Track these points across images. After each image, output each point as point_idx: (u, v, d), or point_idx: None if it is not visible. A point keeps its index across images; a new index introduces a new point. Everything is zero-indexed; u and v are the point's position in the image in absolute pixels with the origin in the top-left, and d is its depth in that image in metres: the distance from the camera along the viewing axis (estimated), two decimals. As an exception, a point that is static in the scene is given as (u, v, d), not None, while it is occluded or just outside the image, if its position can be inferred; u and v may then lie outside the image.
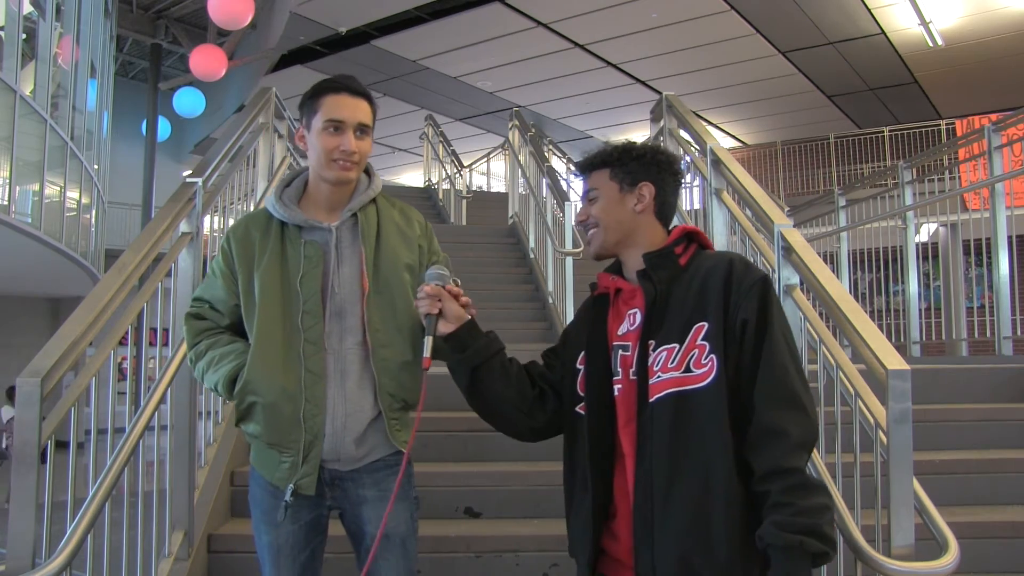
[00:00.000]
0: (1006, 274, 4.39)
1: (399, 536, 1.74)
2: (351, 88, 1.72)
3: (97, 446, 1.92)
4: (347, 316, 1.71)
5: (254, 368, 1.66)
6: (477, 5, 11.56)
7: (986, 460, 2.91)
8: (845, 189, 6.55)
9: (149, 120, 13.41)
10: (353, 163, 1.71)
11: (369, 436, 1.72)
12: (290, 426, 1.66)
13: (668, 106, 3.98)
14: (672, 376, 1.39)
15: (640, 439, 1.42)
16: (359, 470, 1.73)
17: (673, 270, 1.49)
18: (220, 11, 9.64)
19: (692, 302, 1.43)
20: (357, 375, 1.70)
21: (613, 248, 1.58)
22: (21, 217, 8.56)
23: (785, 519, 1.28)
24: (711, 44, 12.40)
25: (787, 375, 1.37)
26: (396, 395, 1.73)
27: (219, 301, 1.76)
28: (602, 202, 1.57)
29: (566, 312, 5.01)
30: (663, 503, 1.37)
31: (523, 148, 7.44)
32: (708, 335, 1.39)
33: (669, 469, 1.37)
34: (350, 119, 1.69)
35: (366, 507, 1.73)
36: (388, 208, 1.83)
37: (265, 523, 1.73)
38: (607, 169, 1.58)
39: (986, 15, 11.21)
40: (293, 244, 1.72)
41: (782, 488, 1.30)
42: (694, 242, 1.55)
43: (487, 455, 3.03)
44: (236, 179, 3.24)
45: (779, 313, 1.42)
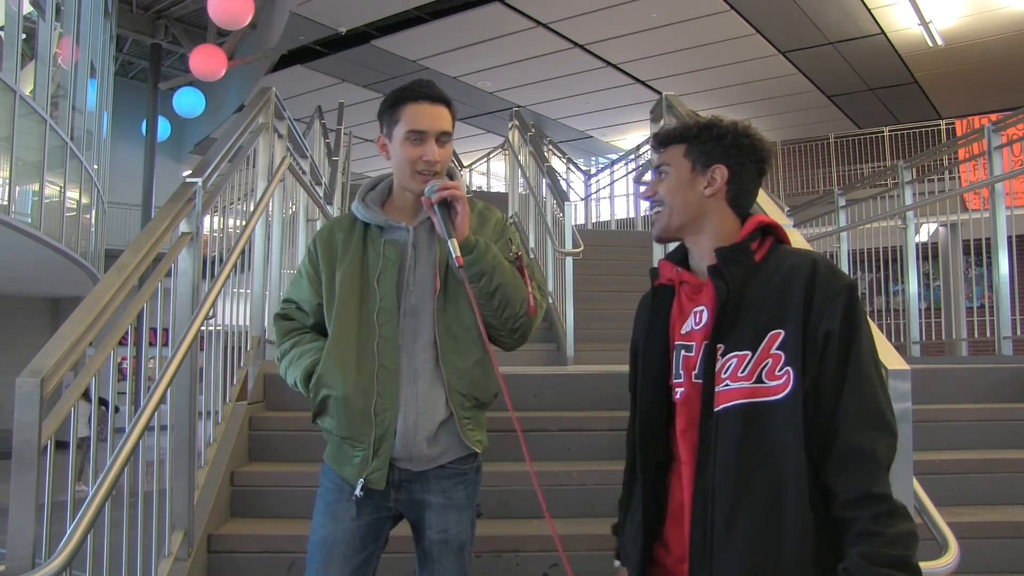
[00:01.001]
0: (1006, 274, 4.39)
1: (458, 542, 1.75)
2: (431, 96, 1.72)
3: (97, 446, 1.92)
4: (420, 315, 1.73)
5: (328, 362, 1.71)
6: (477, 5, 11.57)
7: (986, 460, 2.91)
8: (845, 189, 6.55)
9: (149, 120, 13.43)
10: (436, 172, 1.71)
11: (442, 436, 1.72)
12: (361, 420, 1.68)
13: (668, 106, 3.98)
14: (743, 386, 1.28)
15: (702, 449, 1.31)
16: (427, 472, 1.72)
17: (748, 267, 1.35)
18: (220, 11, 9.65)
19: (769, 306, 1.30)
20: (430, 374, 1.72)
21: (677, 232, 1.44)
22: (21, 217, 8.57)
23: (875, 550, 1.18)
24: (711, 44, 12.41)
25: (875, 393, 1.26)
26: (467, 394, 1.73)
27: (304, 301, 1.81)
28: (671, 180, 1.43)
29: (566, 312, 5.01)
30: (726, 523, 1.26)
31: (523, 148, 7.44)
32: (784, 344, 1.27)
33: (735, 486, 1.26)
34: (432, 128, 1.70)
35: (429, 512, 1.73)
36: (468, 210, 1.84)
37: (326, 515, 1.74)
38: (683, 145, 1.44)
39: (986, 15, 11.21)
40: (374, 244, 1.76)
41: (872, 515, 1.20)
42: (770, 236, 1.40)
43: (487, 455, 3.02)
44: (236, 179, 3.24)
45: (866, 324, 1.30)
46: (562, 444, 2.98)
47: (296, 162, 4.11)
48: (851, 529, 1.21)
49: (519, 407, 3.42)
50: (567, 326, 5.00)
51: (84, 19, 10.47)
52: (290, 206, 4.25)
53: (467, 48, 13.02)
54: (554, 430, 3.03)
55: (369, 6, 11.54)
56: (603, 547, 2.38)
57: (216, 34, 12.66)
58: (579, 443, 3.01)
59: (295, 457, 2.94)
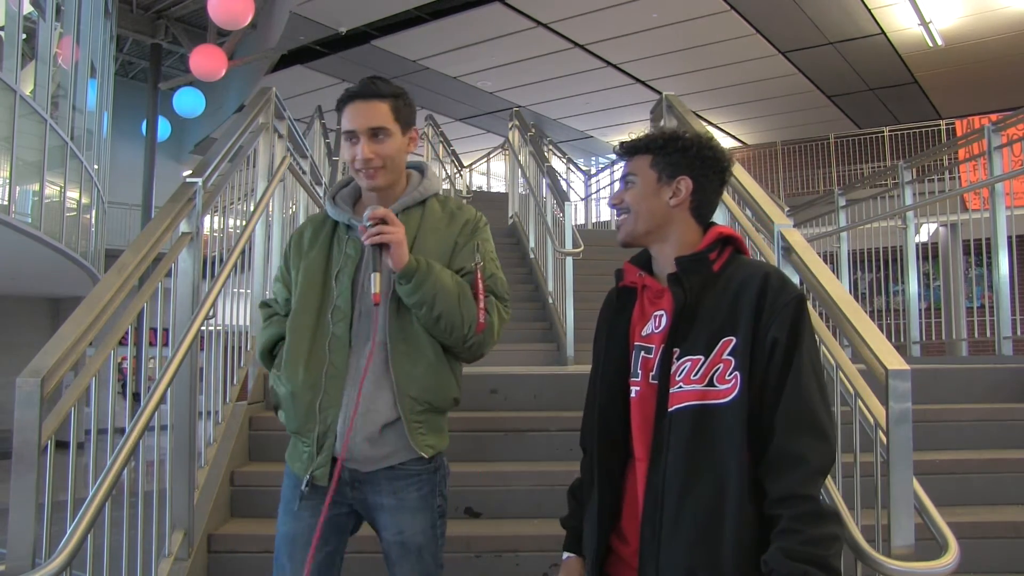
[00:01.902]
0: (1006, 274, 4.38)
1: (415, 545, 1.72)
2: (363, 94, 1.73)
3: (97, 446, 1.92)
4: (369, 320, 1.72)
5: (285, 357, 1.75)
6: (477, 5, 11.56)
7: (986, 460, 2.91)
8: (845, 189, 6.55)
9: (149, 120, 13.43)
10: (375, 168, 1.72)
11: (389, 438, 1.71)
12: (307, 416, 1.70)
13: (668, 106, 3.97)
14: (694, 389, 1.35)
15: (655, 447, 1.39)
16: (377, 473, 1.71)
17: (705, 276, 1.43)
18: (220, 11, 9.65)
19: (722, 314, 1.38)
20: (377, 375, 1.71)
21: (642, 238, 1.51)
22: (21, 217, 8.57)
23: (792, 547, 1.25)
24: (711, 44, 12.41)
25: (811, 400, 1.33)
26: (419, 398, 1.72)
27: (281, 297, 1.87)
28: (637, 189, 1.50)
29: (566, 312, 5.01)
30: (674, 516, 1.34)
31: (523, 148, 7.44)
32: (735, 350, 1.35)
33: (682, 482, 1.34)
34: (360, 126, 1.71)
35: (382, 514, 1.72)
36: (437, 210, 1.82)
37: (285, 513, 1.77)
38: (649, 156, 1.50)
39: (986, 15, 11.21)
40: (340, 242, 1.79)
41: (794, 515, 1.27)
42: (730, 246, 1.48)
43: (487, 455, 3.03)
44: (236, 179, 3.24)
45: (810, 335, 1.37)
46: (562, 444, 2.98)
47: (296, 162, 4.11)
48: (776, 525, 1.29)
49: (519, 407, 3.46)
50: (567, 326, 5.00)
51: (84, 19, 10.47)
52: (290, 206, 4.25)
53: (467, 48, 13.02)
54: (554, 430, 3.03)
55: (369, 6, 11.54)
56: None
57: (216, 34, 12.65)
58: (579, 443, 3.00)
59: (295, 457, 2.93)
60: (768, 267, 1.43)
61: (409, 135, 1.78)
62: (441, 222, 1.80)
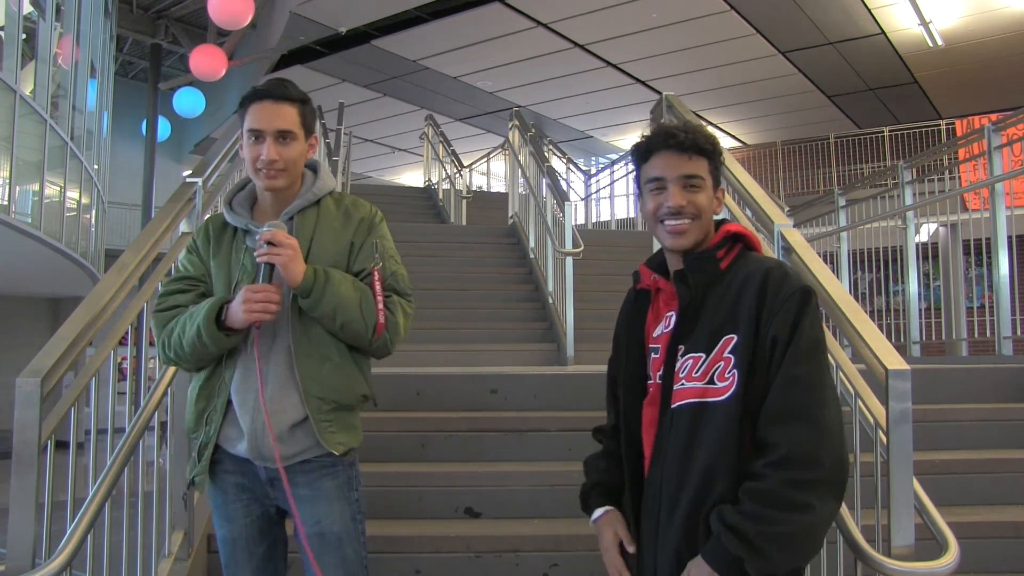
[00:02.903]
0: (1006, 274, 4.38)
1: (334, 535, 1.72)
2: (272, 95, 1.71)
3: (97, 446, 1.92)
4: (276, 321, 1.70)
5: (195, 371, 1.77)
6: (477, 5, 11.56)
7: (986, 460, 2.91)
8: (845, 189, 6.55)
9: (149, 120, 13.42)
10: (277, 171, 1.70)
11: (299, 436, 1.71)
12: (196, 423, 1.75)
13: (668, 106, 3.98)
14: (695, 386, 1.36)
15: (657, 444, 1.41)
16: (291, 469, 1.71)
17: (711, 274, 1.42)
18: (220, 11, 9.65)
19: (724, 312, 1.37)
20: (282, 378, 1.70)
21: (694, 247, 1.46)
22: (21, 217, 8.57)
23: (727, 513, 1.29)
24: (711, 44, 12.40)
25: (798, 389, 1.31)
26: (325, 398, 1.71)
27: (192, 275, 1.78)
28: (706, 195, 1.45)
29: (566, 312, 5.01)
30: (670, 508, 1.38)
31: (523, 148, 7.44)
32: (735, 348, 1.35)
33: (678, 477, 1.37)
34: (268, 127, 1.69)
35: (301, 506, 1.72)
36: (331, 208, 1.80)
37: (220, 517, 1.80)
38: (707, 160, 1.46)
39: (986, 15, 11.20)
40: (236, 250, 1.77)
41: (746, 489, 1.29)
42: (740, 243, 1.47)
43: (487, 455, 3.03)
44: (236, 179, 3.24)
45: (811, 327, 1.34)
46: (562, 444, 2.98)
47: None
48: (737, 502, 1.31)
49: (519, 407, 3.45)
50: (567, 326, 5.00)
51: (84, 19, 10.47)
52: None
53: (467, 48, 13.01)
54: (554, 430, 3.03)
55: (369, 6, 11.53)
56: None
57: (216, 34, 12.65)
58: (579, 443, 2.99)
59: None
60: (771, 263, 1.42)
61: (310, 141, 1.78)
62: (336, 221, 1.79)
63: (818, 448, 1.28)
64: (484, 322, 5.67)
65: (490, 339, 5.37)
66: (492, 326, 5.61)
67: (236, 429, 1.72)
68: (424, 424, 3.08)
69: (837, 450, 1.30)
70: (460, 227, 8.78)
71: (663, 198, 1.44)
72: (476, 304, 6.00)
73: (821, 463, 1.28)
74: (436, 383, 3.33)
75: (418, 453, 2.98)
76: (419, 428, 3.07)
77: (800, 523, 1.27)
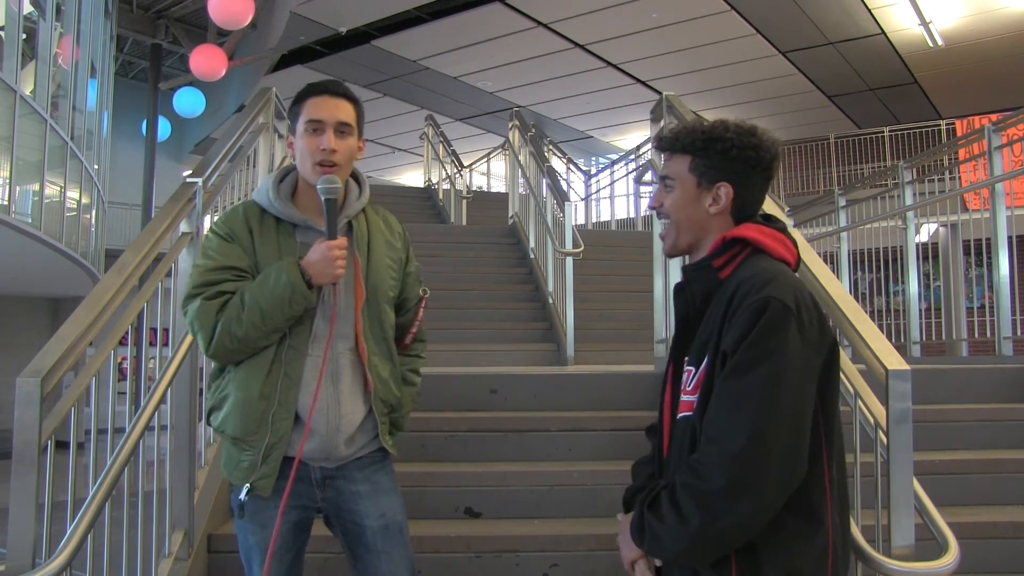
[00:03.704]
0: (1006, 274, 4.38)
1: (398, 525, 1.77)
2: (331, 90, 1.74)
3: (97, 446, 1.92)
4: (340, 322, 1.71)
5: (237, 364, 1.69)
6: (477, 5, 11.56)
7: (986, 460, 2.91)
8: (845, 189, 6.55)
9: (149, 120, 13.41)
10: (334, 162, 1.71)
11: (358, 437, 1.75)
12: (257, 425, 1.67)
13: (668, 106, 3.97)
14: (690, 399, 1.34)
15: (668, 454, 1.41)
16: (347, 466, 1.74)
17: (709, 284, 1.36)
18: (220, 11, 9.65)
19: (711, 324, 1.33)
20: (349, 379, 1.72)
21: (685, 250, 1.44)
22: (21, 217, 8.56)
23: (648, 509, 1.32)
24: (711, 44, 12.40)
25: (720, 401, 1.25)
26: (387, 400, 1.77)
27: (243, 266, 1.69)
28: (677, 195, 1.40)
29: (566, 312, 5.01)
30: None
31: (523, 148, 7.44)
32: (706, 363, 1.32)
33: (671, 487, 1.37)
34: (329, 119, 1.71)
35: (360, 502, 1.74)
36: (375, 217, 1.85)
37: (253, 522, 1.73)
38: (688, 157, 1.39)
39: (986, 15, 11.20)
40: (287, 243, 1.73)
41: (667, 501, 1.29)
42: (748, 248, 1.36)
43: (487, 455, 3.03)
44: (236, 179, 3.24)
45: (759, 339, 1.23)
46: (562, 444, 2.98)
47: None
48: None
49: (519, 407, 3.45)
50: (567, 326, 5.00)
51: (84, 19, 10.46)
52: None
53: (467, 48, 13.01)
54: (554, 430, 3.03)
55: (369, 6, 11.54)
56: (603, 547, 2.39)
57: (216, 34, 12.65)
58: (579, 443, 3.01)
59: (295, 457, 2.93)
60: (753, 272, 1.31)
61: (360, 143, 1.79)
62: (385, 230, 1.84)
63: (722, 464, 1.22)
64: (484, 322, 5.67)
65: (490, 339, 5.37)
66: (492, 326, 5.61)
67: (299, 429, 1.68)
68: (424, 424, 3.08)
69: (750, 471, 1.20)
70: (460, 227, 8.78)
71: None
72: (476, 304, 5.99)
73: (717, 479, 1.22)
74: (436, 383, 3.33)
75: (418, 453, 2.98)
76: (419, 428, 3.06)
77: (672, 526, 1.26)
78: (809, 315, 1.27)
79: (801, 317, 1.25)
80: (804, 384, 1.25)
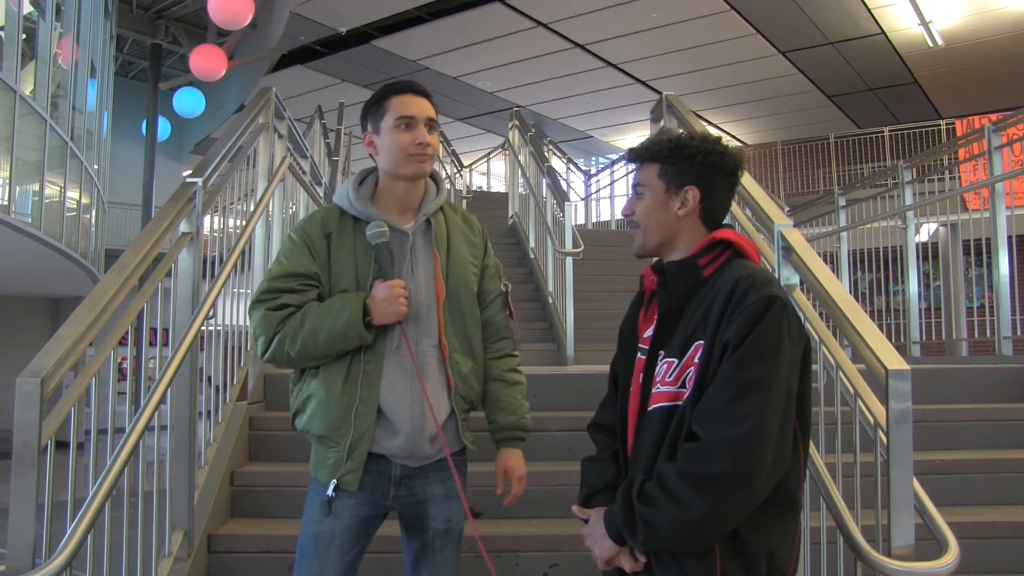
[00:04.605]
0: (1006, 274, 4.38)
1: (457, 531, 1.81)
2: (416, 89, 1.79)
3: (97, 446, 1.92)
4: (423, 319, 1.75)
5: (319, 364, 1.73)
6: (477, 5, 11.56)
7: (986, 460, 2.91)
8: (845, 189, 6.55)
9: (149, 120, 13.41)
10: (428, 155, 1.76)
11: (441, 435, 1.76)
12: (340, 422, 1.70)
13: (668, 106, 3.97)
14: (668, 390, 1.39)
15: (636, 445, 1.44)
16: (427, 468, 1.76)
17: (693, 281, 1.44)
18: (220, 11, 9.64)
19: (697, 319, 1.39)
20: (434, 376, 1.75)
21: (654, 250, 1.52)
22: (21, 217, 8.56)
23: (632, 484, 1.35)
24: (711, 44, 12.40)
25: (726, 387, 1.30)
26: (467, 397, 1.80)
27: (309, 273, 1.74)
28: (646, 201, 1.50)
29: (566, 312, 5.01)
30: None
31: (523, 148, 7.44)
32: (702, 354, 1.36)
33: (643, 476, 1.38)
34: (420, 115, 1.75)
35: (431, 505, 1.77)
36: (453, 214, 1.88)
37: (318, 511, 1.74)
38: (657, 165, 1.49)
39: (986, 15, 11.20)
40: (362, 242, 1.76)
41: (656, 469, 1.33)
42: (730, 250, 1.46)
43: (487, 455, 3.03)
44: (236, 179, 3.24)
45: (765, 334, 1.31)
46: (562, 444, 2.98)
47: (296, 162, 4.11)
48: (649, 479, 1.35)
49: (519, 407, 3.40)
50: (567, 326, 5.00)
51: (84, 19, 10.46)
52: (290, 206, 4.25)
53: (467, 48, 13.02)
54: (554, 430, 3.03)
55: (369, 6, 11.54)
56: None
57: (216, 34, 12.64)
58: (579, 443, 2.98)
59: (295, 457, 2.93)
60: (747, 271, 1.40)
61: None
62: (464, 227, 1.88)
63: (726, 450, 1.27)
64: (484, 322, 5.66)
65: (490, 339, 5.36)
66: (492, 326, 5.60)
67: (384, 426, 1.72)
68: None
69: (750, 458, 1.26)
70: (460, 227, 8.77)
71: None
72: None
73: (721, 465, 1.27)
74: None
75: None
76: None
77: (672, 515, 1.29)
78: (794, 314, 1.38)
79: (791, 316, 1.36)
80: (792, 378, 1.34)
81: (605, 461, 1.55)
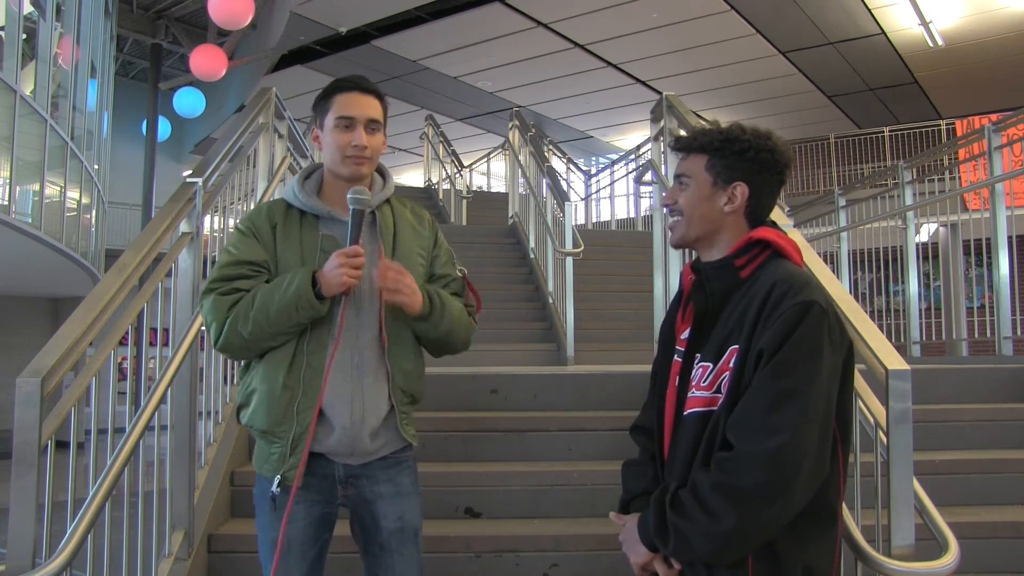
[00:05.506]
0: (1006, 274, 4.38)
1: (413, 529, 1.78)
2: (361, 86, 1.76)
3: (97, 446, 1.92)
4: (363, 312, 1.73)
5: (262, 356, 1.71)
6: (477, 5, 11.56)
7: (987, 460, 2.90)
8: (845, 189, 6.55)
9: (149, 120, 13.41)
10: (365, 158, 1.74)
11: (382, 431, 1.75)
12: (283, 416, 1.68)
13: (668, 106, 3.97)
14: (703, 395, 1.35)
15: (671, 450, 1.41)
16: (371, 465, 1.74)
17: (730, 283, 1.39)
18: (220, 11, 9.64)
19: (734, 322, 1.34)
20: (374, 370, 1.73)
21: (693, 243, 1.46)
22: (21, 217, 8.56)
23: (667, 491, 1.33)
24: (711, 44, 12.40)
25: (760, 397, 1.26)
26: (406, 390, 1.77)
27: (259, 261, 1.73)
28: (691, 192, 1.44)
29: (566, 312, 5.01)
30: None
31: (523, 148, 7.44)
32: (736, 360, 1.32)
33: (679, 482, 1.36)
34: (360, 115, 1.73)
35: (380, 503, 1.75)
36: (400, 207, 1.87)
37: (275, 518, 1.72)
38: (705, 156, 1.44)
39: (986, 15, 11.20)
40: (310, 234, 1.76)
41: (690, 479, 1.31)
42: (769, 249, 1.40)
43: (487, 455, 3.03)
44: (236, 179, 3.24)
45: (801, 341, 1.26)
46: (562, 444, 2.98)
47: (296, 162, 4.11)
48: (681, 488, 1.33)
49: (519, 407, 3.45)
50: (567, 326, 5.00)
51: (84, 19, 10.46)
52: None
53: (467, 48, 13.02)
54: (554, 430, 3.03)
55: (369, 6, 11.54)
56: (603, 547, 2.39)
57: (216, 34, 12.65)
58: (579, 443, 3.00)
59: (295, 457, 2.93)
60: (784, 273, 1.35)
61: (385, 138, 1.82)
62: (412, 218, 1.87)
63: (759, 462, 1.24)
64: (484, 322, 5.60)
65: (490, 339, 5.36)
66: (492, 326, 5.60)
67: (321, 422, 1.69)
68: (424, 424, 3.06)
69: (784, 471, 1.23)
70: (460, 227, 8.78)
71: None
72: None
73: (754, 477, 1.23)
74: (436, 383, 3.32)
75: (418, 453, 2.95)
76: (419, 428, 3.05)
77: (704, 526, 1.26)
78: (835, 319, 1.32)
79: (831, 321, 1.30)
80: (831, 387, 1.29)
81: (644, 464, 1.52)
